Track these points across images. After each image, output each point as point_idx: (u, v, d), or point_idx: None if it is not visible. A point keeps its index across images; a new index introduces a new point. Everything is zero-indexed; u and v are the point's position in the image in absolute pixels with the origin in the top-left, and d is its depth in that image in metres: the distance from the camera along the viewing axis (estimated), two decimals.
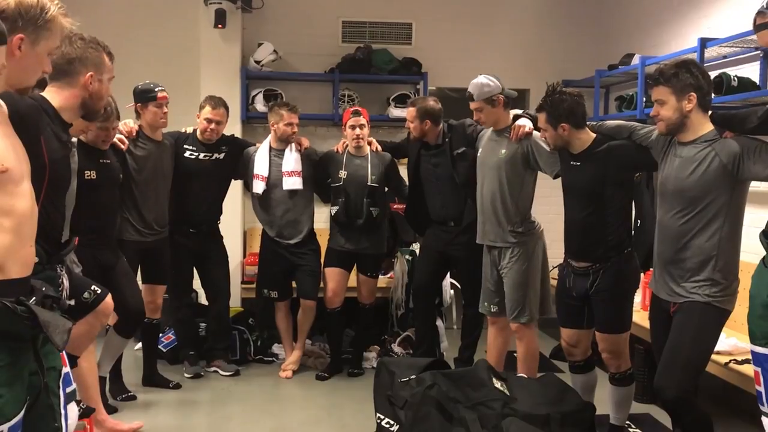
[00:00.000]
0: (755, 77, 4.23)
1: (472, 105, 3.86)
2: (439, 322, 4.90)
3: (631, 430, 3.84)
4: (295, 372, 4.79)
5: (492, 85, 3.80)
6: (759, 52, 4.24)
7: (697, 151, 2.83)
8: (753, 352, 2.36)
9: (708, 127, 2.84)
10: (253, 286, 5.06)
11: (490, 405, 3.19)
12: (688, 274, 2.85)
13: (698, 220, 2.82)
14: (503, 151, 3.81)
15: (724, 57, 4.54)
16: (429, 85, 5.95)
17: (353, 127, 4.55)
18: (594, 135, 3.37)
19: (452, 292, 5.11)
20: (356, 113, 4.59)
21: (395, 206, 5.46)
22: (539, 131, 3.59)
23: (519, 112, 3.97)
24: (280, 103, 4.82)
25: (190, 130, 4.59)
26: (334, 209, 4.60)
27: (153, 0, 5.90)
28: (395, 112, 5.85)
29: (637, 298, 4.14)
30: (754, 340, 2.35)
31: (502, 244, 3.83)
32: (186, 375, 4.66)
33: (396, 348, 5.10)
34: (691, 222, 2.83)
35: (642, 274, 4.11)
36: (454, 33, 6.18)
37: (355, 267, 4.79)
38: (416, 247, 5.21)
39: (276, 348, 5.14)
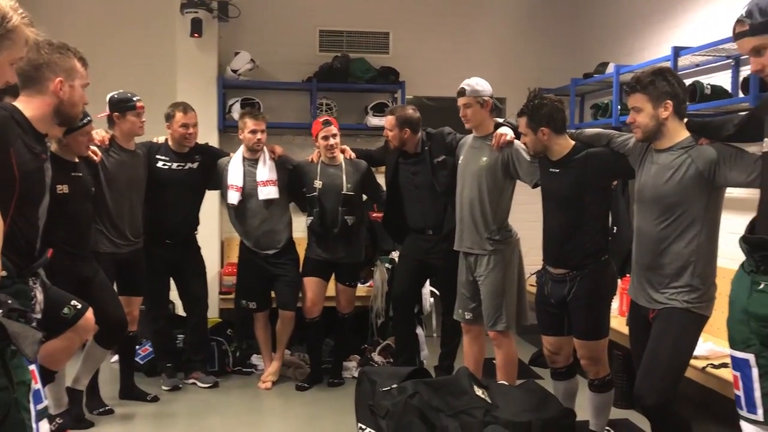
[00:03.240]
0: (727, 85, 4.30)
1: (462, 100, 3.87)
2: (419, 330, 4.90)
3: None
4: (274, 383, 4.75)
5: (484, 86, 3.86)
6: (730, 60, 4.32)
7: (673, 158, 2.86)
8: (732, 357, 2.37)
9: (684, 134, 2.88)
10: (231, 296, 5.02)
11: (472, 413, 3.19)
12: (666, 281, 2.88)
13: (676, 227, 2.85)
14: (484, 158, 3.82)
15: (697, 65, 4.61)
16: (406, 93, 5.97)
17: (326, 138, 4.53)
18: (573, 142, 3.40)
19: (432, 300, 5.12)
20: (326, 123, 4.58)
21: (374, 215, 5.45)
22: (520, 140, 3.62)
23: (500, 120, 3.99)
24: (243, 112, 4.81)
25: (162, 140, 4.55)
26: (310, 219, 4.58)
27: (129, 9, 5.86)
28: (373, 120, 5.85)
29: (615, 303, 4.17)
30: (733, 344, 2.37)
31: (479, 251, 3.84)
32: (164, 387, 4.60)
33: (376, 357, 5.08)
34: (669, 228, 2.86)
35: (619, 281, 4.15)
36: (432, 42, 6.22)
37: (333, 276, 4.77)
38: (396, 255, 5.20)
39: (255, 359, 5.10)
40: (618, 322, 4.16)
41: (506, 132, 3.79)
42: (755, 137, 2.43)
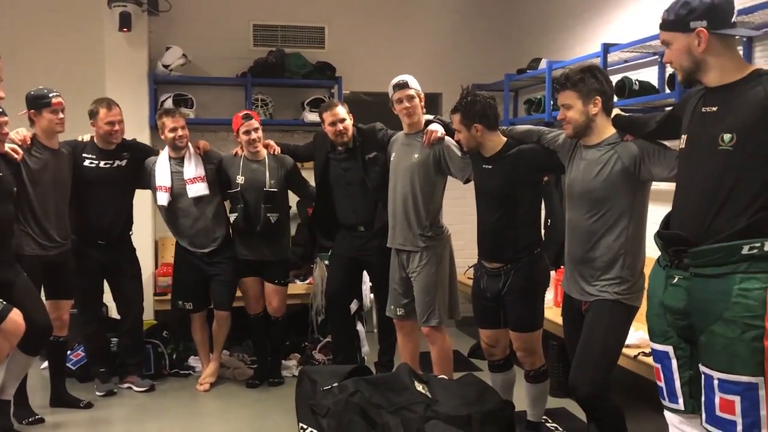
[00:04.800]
0: (654, 81, 4.43)
1: (407, 92, 3.85)
2: (359, 327, 4.90)
3: (547, 425, 3.95)
4: (213, 384, 4.68)
5: (418, 84, 3.89)
6: (657, 57, 4.45)
7: (601, 154, 2.93)
8: (653, 350, 2.45)
9: (611, 130, 2.96)
10: (167, 297, 4.92)
11: (413, 409, 3.21)
12: (597, 273, 2.95)
13: (605, 221, 2.92)
14: (416, 155, 3.84)
15: (626, 62, 4.73)
16: (343, 89, 5.94)
17: (247, 132, 4.45)
18: (505, 139, 3.45)
19: (372, 295, 5.12)
20: (247, 117, 4.49)
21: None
22: (452, 137, 3.65)
23: (431, 117, 4.01)
24: (159, 112, 4.71)
25: (87, 138, 4.41)
26: (233, 216, 4.50)
27: (53, 3, 5.64)
28: (310, 116, 5.80)
29: (549, 295, 4.26)
30: (653, 337, 2.44)
31: (412, 247, 3.86)
32: (98, 393, 4.48)
33: (317, 355, 5.06)
34: (599, 222, 2.93)
35: (553, 272, 4.24)
36: (368, 38, 6.21)
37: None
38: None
39: (192, 360, 5.01)
40: (553, 312, 4.25)
41: (436, 129, 3.82)
42: (674, 135, 2.52)
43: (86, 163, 4.34)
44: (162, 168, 4.50)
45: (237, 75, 5.84)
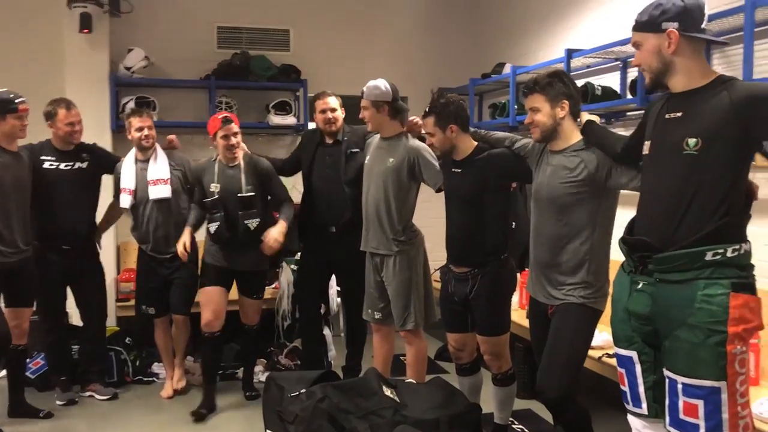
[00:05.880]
0: (616, 86, 4.51)
1: (362, 102, 3.87)
2: (326, 331, 4.88)
3: (514, 426, 3.99)
4: (177, 391, 4.61)
5: (383, 90, 3.82)
6: (619, 62, 4.53)
7: (567, 160, 2.97)
8: (617, 355, 2.48)
9: (577, 136, 2.99)
10: (129, 303, 4.83)
11: (381, 413, 3.22)
12: (563, 278, 2.98)
13: (571, 226, 2.95)
14: (391, 159, 3.84)
15: (588, 67, 4.81)
16: (309, 92, 5.91)
17: (226, 137, 4.23)
18: (475, 143, 3.47)
19: (339, 299, 5.10)
20: (227, 121, 4.25)
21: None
22: (426, 141, 3.64)
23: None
24: (127, 113, 4.65)
25: (43, 140, 4.33)
26: (214, 226, 4.24)
27: (11, 2, 5.51)
28: (275, 119, 5.77)
29: (515, 297, 4.29)
30: (617, 342, 2.47)
31: (386, 252, 3.86)
32: (58, 402, 4.38)
33: (283, 360, 5.02)
34: (565, 228, 2.96)
35: (518, 275, 4.28)
36: (333, 41, 6.20)
37: (235, 286, 4.50)
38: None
39: (156, 367, 4.94)
40: (519, 315, 4.30)
41: (419, 120, 3.73)
42: (637, 159, 2.55)
43: (46, 165, 4.25)
44: (127, 170, 4.43)
45: (201, 77, 5.78)
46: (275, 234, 4.26)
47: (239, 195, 4.27)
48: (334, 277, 4.73)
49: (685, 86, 2.27)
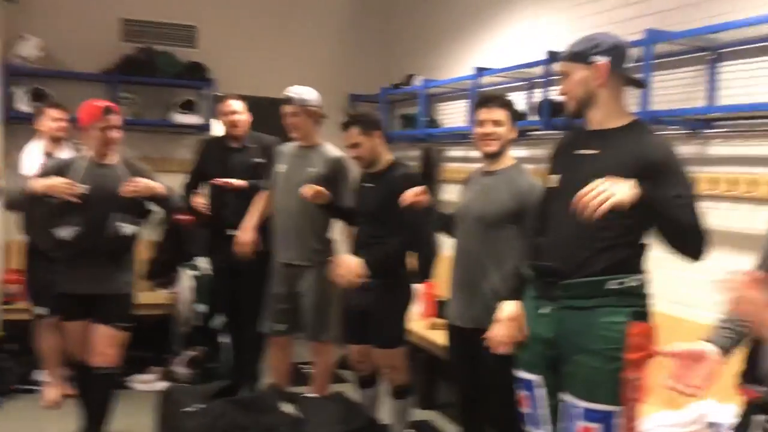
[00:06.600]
0: (521, 107, 4.62)
1: (290, 108, 3.79)
2: (223, 340, 4.75)
3: None
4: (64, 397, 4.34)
5: (311, 95, 3.81)
6: (525, 83, 4.65)
7: (495, 182, 3.01)
8: (519, 378, 2.47)
9: (511, 160, 3.06)
10: (13, 306, 4.52)
11: (281, 430, 3.15)
12: (486, 300, 2.93)
13: (497, 246, 2.96)
14: (310, 169, 3.78)
15: (495, 85, 4.90)
16: (216, 91, 5.74)
17: (107, 129, 3.48)
18: (392, 157, 3.51)
19: None
20: (109, 111, 3.49)
21: (180, 217, 5.15)
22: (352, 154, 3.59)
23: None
24: (48, 103, 4.45)
25: None
26: (66, 231, 3.43)
27: None
28: (180, 118, 5.59)
29: (417, 307, 4.30)
30: (520, 365, 2.47)
31: (305, 263, 3.80)
32: None
33: (180, 369, 4.84)
34: (491, 248, 2.97)
35: (417, 286, 4.29)
36: (245, 40, 6.03)
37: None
38: (200, 261, 4.98)
39: (39, 374, 4.63)
40: (420, 325, 4.33)
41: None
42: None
43: None
44: (30, 159, 4.14)
45: (102, 71, 5.52)
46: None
47: (117, 198, 3.46)
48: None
49: (601, 123, 2.33)
